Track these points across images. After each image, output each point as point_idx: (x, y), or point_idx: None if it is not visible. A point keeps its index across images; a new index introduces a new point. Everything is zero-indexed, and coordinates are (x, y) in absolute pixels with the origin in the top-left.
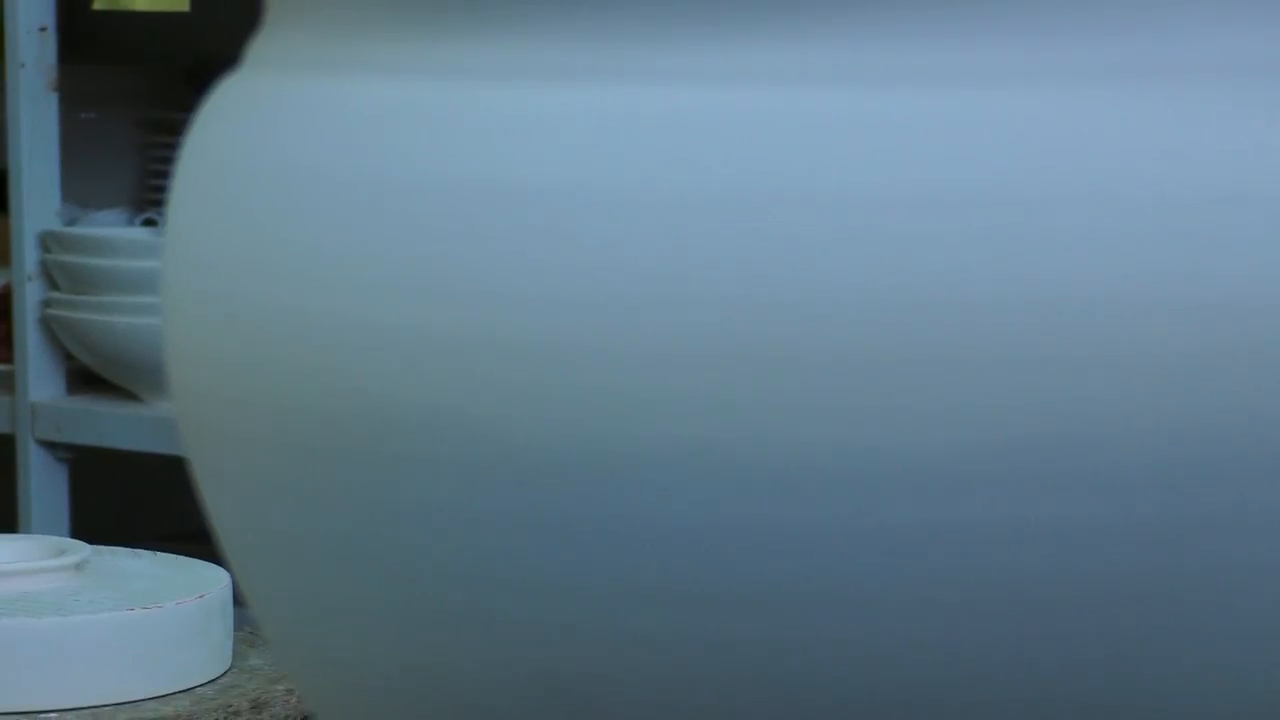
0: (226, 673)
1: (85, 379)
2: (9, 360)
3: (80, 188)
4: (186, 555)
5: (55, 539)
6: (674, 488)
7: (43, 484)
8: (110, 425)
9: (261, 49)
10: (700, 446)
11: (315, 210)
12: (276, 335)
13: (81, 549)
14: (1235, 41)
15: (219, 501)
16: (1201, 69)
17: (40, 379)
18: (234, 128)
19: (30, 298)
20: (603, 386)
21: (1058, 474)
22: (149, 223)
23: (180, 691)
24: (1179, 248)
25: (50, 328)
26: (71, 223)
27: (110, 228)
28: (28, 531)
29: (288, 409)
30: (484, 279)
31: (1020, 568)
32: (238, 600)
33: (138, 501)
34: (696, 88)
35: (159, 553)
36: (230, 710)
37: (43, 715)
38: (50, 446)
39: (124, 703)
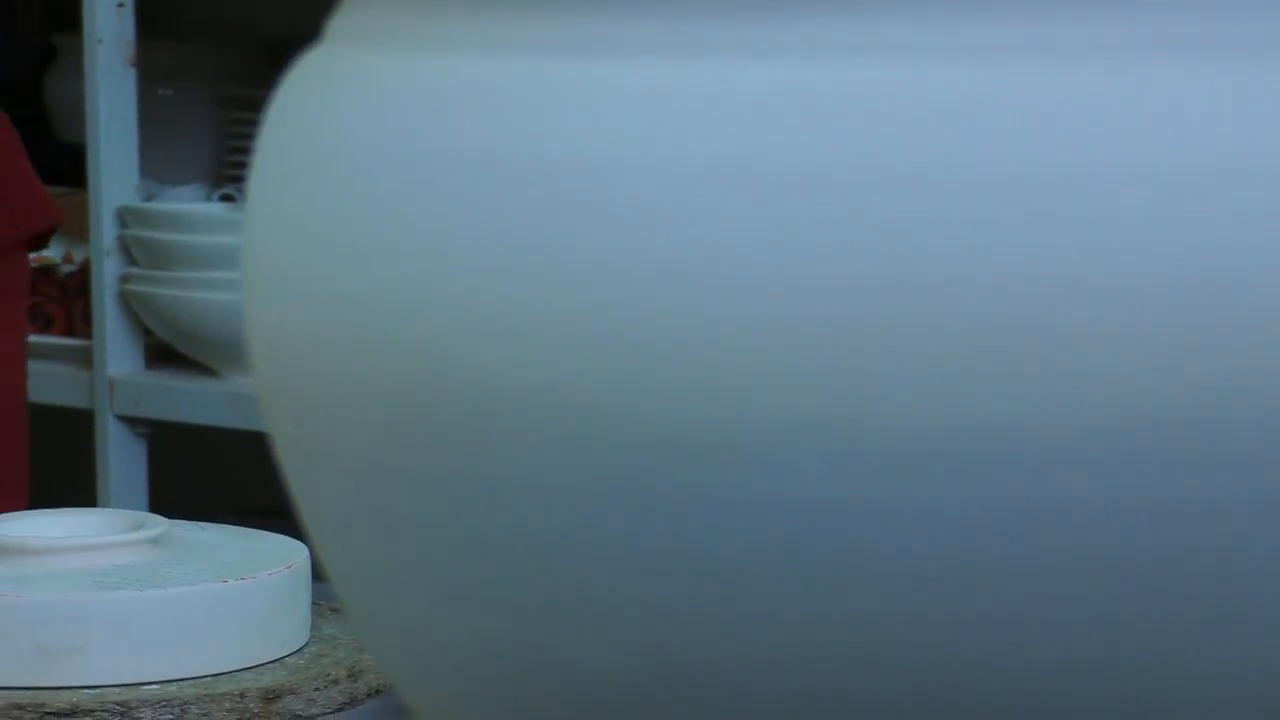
0: (309, 643)
1: (163, 354)
2: (87, 335)
3: (158, 163)
4: (261, 530)
5: (133, 513)
6: (788, 467)
7: (121, 458)
8: (187, 400)
9: (341, 24)
10: (818, 426)
11: (394, 186)
12: (360, 313)
13: (160, 523)
14: None
15: (301, 477)
16: None
17: (118, 354)
18: (315, 103)
19: (108, 273)
20: (719, 366)
21: (1189, 452)
22: (226, 198)
23: (272, 662)
24: None
25: (128, 303)
26: (149, 198)
27: (188, 203)
28: (105, 505)
29: (368, 385)
30: (584, 258)
31: (1146, 544)
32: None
33: (213, 476)
34: (816, 62)
35: (234, 526)
36: (329, 679)
37: (144, 687)
38: (128, 421)
39: (221, 674)
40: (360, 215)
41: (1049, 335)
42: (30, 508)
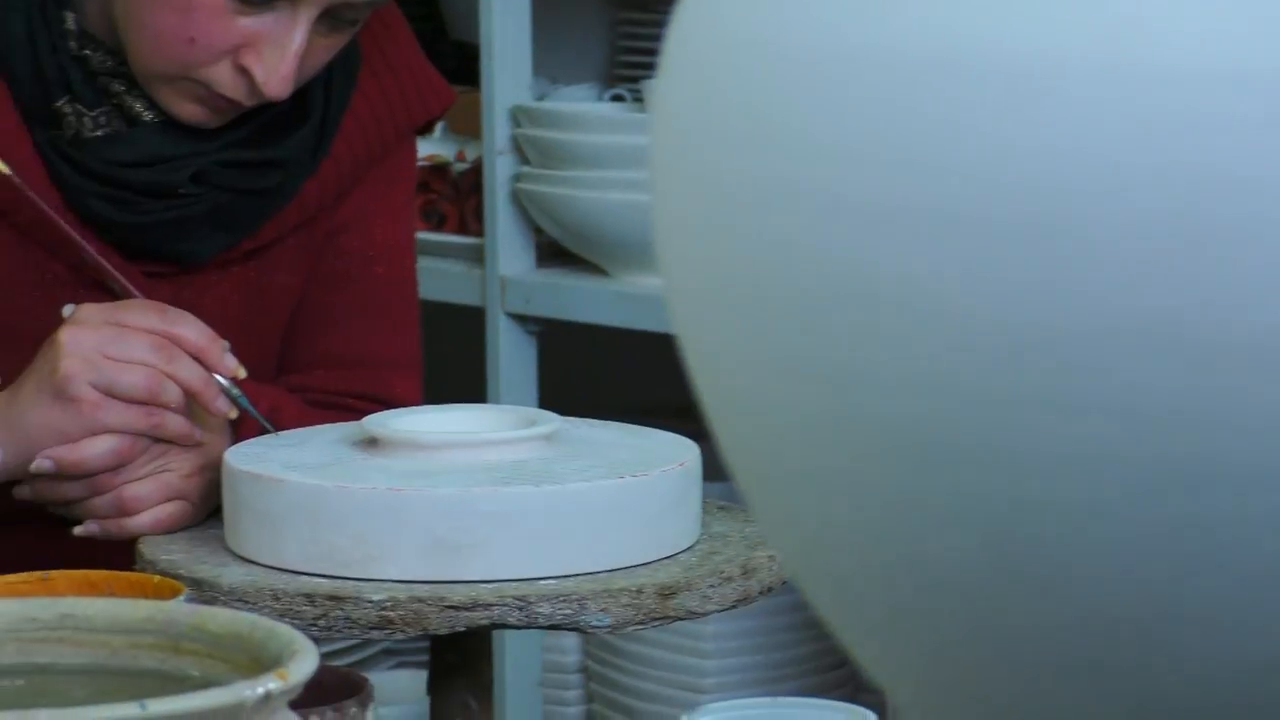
0: (700, 541)
1: (553, 253)
2: (479, 234)
3: (550, 62)
4: (649, 427)
5: (525, 409)
6: (1129, 362)
7: (511, 356)
8: (577, 299)
9: None
10: (1157, 321)
11: (814, 83)
12: (767, 209)
13: (552, 419)
14: None
15: (704, 371)
16: None
17: (510, 253)
18: (719, 3)
19: (500, 172)
20: (1067, 262)
21: None
22: (617, 98)
23: (665, 559)
24: None
25: (520, 202)
26: (541, 98)
27: (580, 103)
28: (496, 402)
29: (777, 281)
30: (963, 156)
31: None
32: None
33: (601, 375)
34: None
35: (625, 424)
36: (722, 576)
37: (541, 582)
38: (519, 319)
39: (616, 569)
40: (765, 111)
41: None
42: (423, 403)
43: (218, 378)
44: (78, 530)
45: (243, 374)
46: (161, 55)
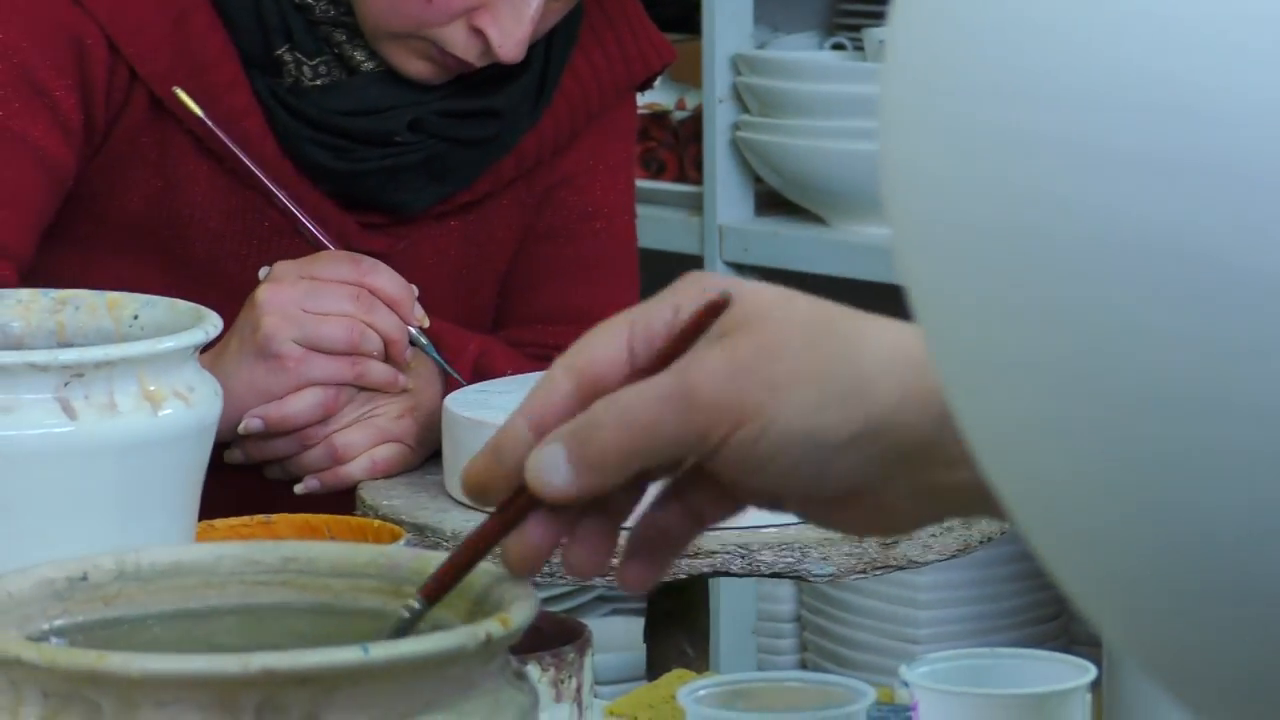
0: None
1: (772, 201)
2: (698, 182)
3: (771, 11)
4: None
5: None
6: None
7: None
8: (795, 247)
9: None
10: None
11: (1066, 26)
12: (1001, 157)
13: None
14: None
15: (939, 323)
16: None
17: (729, 201)
18: None
19: (720, 120)
20: None
21: None
22: (838, 47)
23: None
24: None
25: (739, 150)
26: (762, 46)
27: (800, 51)
28: None
29: (1024, 231)
30: (1213, 100)
31: None
32: None
33: None
34: None
35: None
36: (944, 525)
37: (763, 530)
38: (737, 268)
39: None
40: (1000, 57)
41: None
42: None
43: (409, 328)
44: (298, 488)
45: (428, 324)
46: (396, 13)
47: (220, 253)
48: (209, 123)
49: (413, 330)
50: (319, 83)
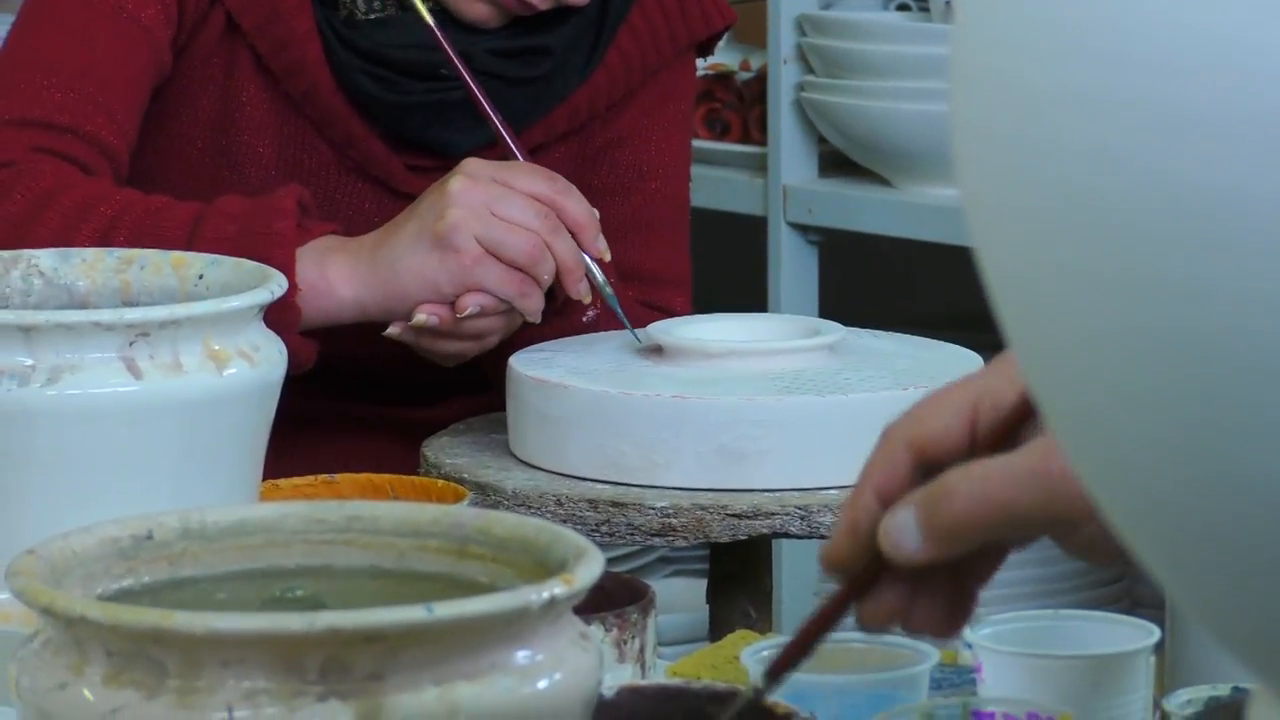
0: None
1: (836, 162)
2: (762, 143)
3: None
4: (929, 338)
5: (807, 319)
6: None
7: (793, 265)
8: (859, 209)
9: None
10: None
11: None
12: (1070, 119)
13: (835, 329)
14: None
15: (1009, 286)
16: None
17: (793, 162)
18: None
19: (785, 80)
20: None
21: None
22: (903, 7)
23: None
24: None
25: (804, 111)
26: (827, 6)
27: (866, 12)
28: (776, 312)
29: (1096, 193)
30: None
31: None
32: None
33: (883, 286)
34: None
35: (908, 335)
36: None
37: (823, 492)
38: (800, 229)
39: None
40: (1067, 17)
41: None
42: (700, 311)
43: (585, 258)
44: (418, 318)
45: (608, 257)
46: None
47: (268, 187)
48: (437, 32)
49: (589, 261)
50: (372, 17)
